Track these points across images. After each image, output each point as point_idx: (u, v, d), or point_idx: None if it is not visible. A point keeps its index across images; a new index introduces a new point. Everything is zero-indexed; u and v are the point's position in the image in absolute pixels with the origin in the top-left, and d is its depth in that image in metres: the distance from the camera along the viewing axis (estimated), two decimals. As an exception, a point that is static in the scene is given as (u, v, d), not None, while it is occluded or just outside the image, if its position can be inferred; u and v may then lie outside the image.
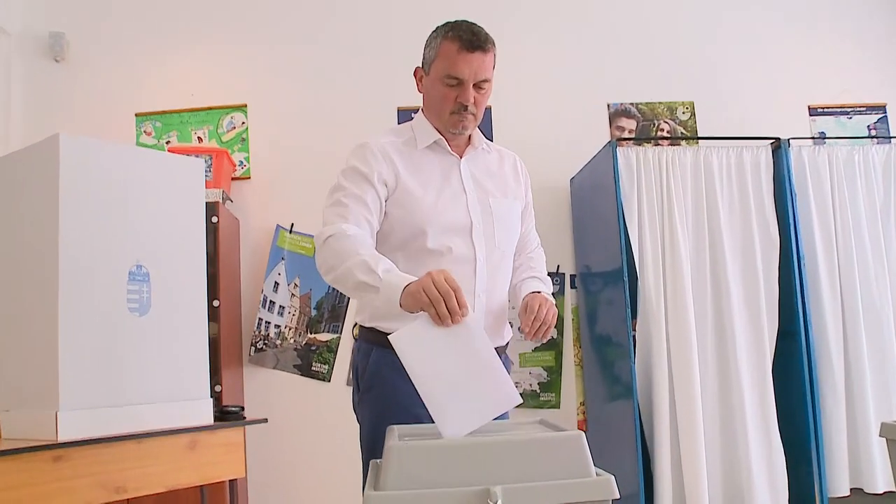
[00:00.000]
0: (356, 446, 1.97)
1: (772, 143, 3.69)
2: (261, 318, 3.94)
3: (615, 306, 3.55)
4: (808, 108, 4.38)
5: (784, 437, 3.43)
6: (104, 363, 2.08)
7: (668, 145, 4.01)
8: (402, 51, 2.02)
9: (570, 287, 4.11)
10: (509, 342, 2.07)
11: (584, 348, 4.03)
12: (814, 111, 4.38)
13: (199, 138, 4.09)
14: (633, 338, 3.47)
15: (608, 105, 4.29)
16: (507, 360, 2.06)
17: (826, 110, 4.38)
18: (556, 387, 4.03)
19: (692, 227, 3.58)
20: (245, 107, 4.13)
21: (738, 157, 3.66)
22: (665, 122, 4.29)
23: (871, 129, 4.36)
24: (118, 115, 4.09)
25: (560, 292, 4.09)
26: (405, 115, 3.81)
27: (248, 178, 4.08)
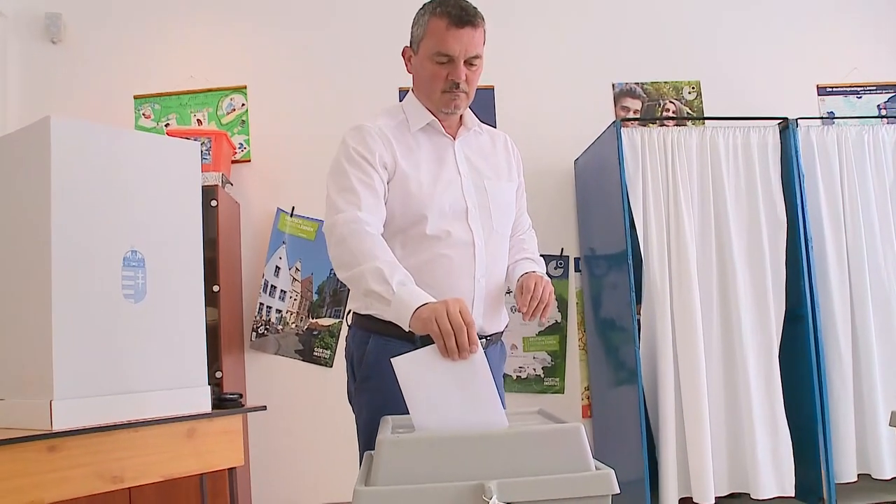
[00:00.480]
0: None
1: (779, 124, 3.63)
2: (262, 303, 3.91)
3: (619, 290, 3.51)
4: (817, 87, 4.31)
5: (791, 422, 3.40)
6: (99, 351, 2.05)
7: (673, 126, 3.96)
8: (403, 31, 1.97)
9: (574, 270, 4.07)
10: (507, 327, 2.02)
11: (588, 332, 4.00)
12: (822, 90, 4.31)
13: (198, 121, 4.04)
14: (638, 322, 3.44)
15: (613, 85, 4.23)
16: (502, 349, 2.03)
17: (835, 89, 4.31)
18: (561, 372, 4.00)
19: (698, 210, 3.53)
20: (245, 89, 4.09)
21: (744, 137, 3.61)
22: (671, 102, 4.23)
23: (881, 108, 4.30)
24: (116, 98, 4.05)
25: (564, 275, 4.05)
26: (406, 97, 3.75)
27: (249, 160, 4.04)
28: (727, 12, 4.33)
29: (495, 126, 3.96)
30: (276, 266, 3.93)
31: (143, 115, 4.04)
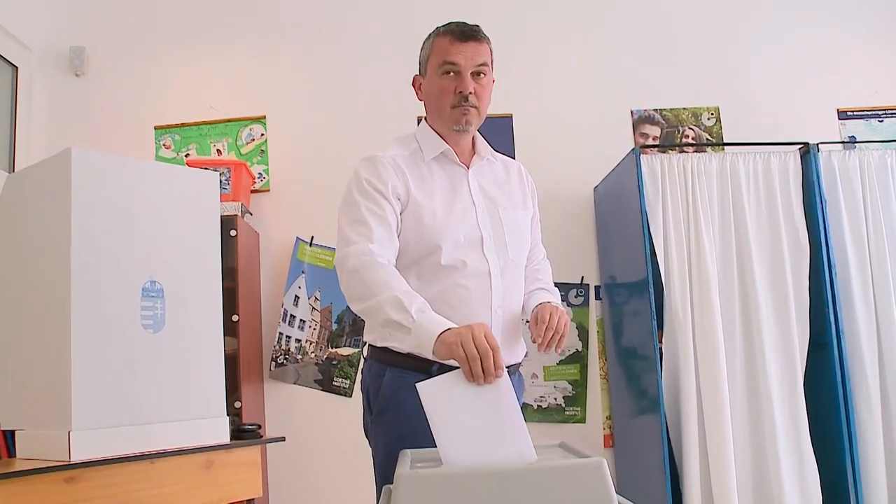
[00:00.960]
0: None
1: (800, 149, 3.60)
2: (281, 333, 3.91)
3: (641, 318, 3.47)
4: (837, 111, 4.27)
5: (817, 453, 3.33)
6: (118, 381, 2.04)
7: (693, 152, 3.93)
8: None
9: (594, 298, 4.04)
10: (526, 356, 2.00)
11: (609, 361, 3.96)
12: (843, 114, 4.27)
13: (218, 151, 4.07)
14: (660, 350, 3.40)
15: (632, 112, 4.22)
16: (520, 380, 2.00)
17: (856, 113, 4.27)
18: (582, 401, 3.95)
19: (719, 236, 3.50)
20: (264, 119, 4.12)
21: (765, 163, 3.58)
22: (690, 128, 4.21)
23: (903, 132, 4.25)
24: (138, 129, 4.09)
25: (584, 304, 4.02)
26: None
27: (268, 190, 4.06)
28: (745, 37, 4.32)
29: (514, 154, 3.97)
30: (296, 295, 3.93)
31: (164, 145, 4.08)
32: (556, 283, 2.16)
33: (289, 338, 3.91)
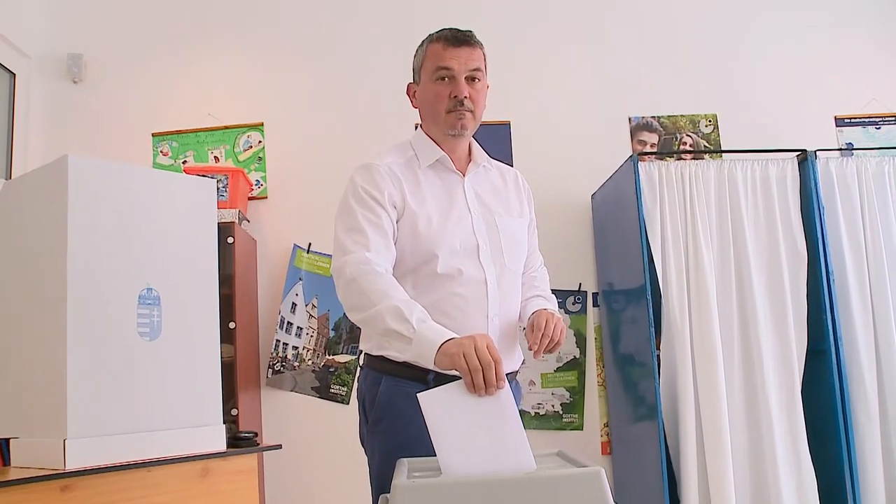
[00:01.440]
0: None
1: (798, 156, 3.61)
2: (278, 340, 3.90)
3: (639, 325, 3.47)
4: (835, 118, 4.28)
5: (815, 460, 3.32)
6: (114, 389, 2.04)
7: (690, 159, 3.94)
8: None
9: (592, 305, 4.03)
10: (523, 363, 1.99)
11: (607, 368, 3.95)
12: (840, 122, 4.28)
13: (215, 158, 4.07)
14: (658, 357, 3.39)
15: (629, 119, 4.23)
16: (517, 388, 2.00)
17: (853, 120, 4.28)
18: (580, 408, 3.94)
19: (717, 243, 3.50)
20: (261, 126, 4.12)
21: (763, 170, 3.58)
22: (687, 135, 4.21)
23: (900, 139, 4.26)
24: (135, 136, 4.09)
25: (582, 311, 4.01)
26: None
27: (265, 197, 4.05)
28: (743, 45, 4.33)
29: (512, 161, 3.97)
30: (293, 303, 3.92)
31: (161, 152, 4.08)
32: (554, 290, 2.16)
33: (286, 345, 3.90)
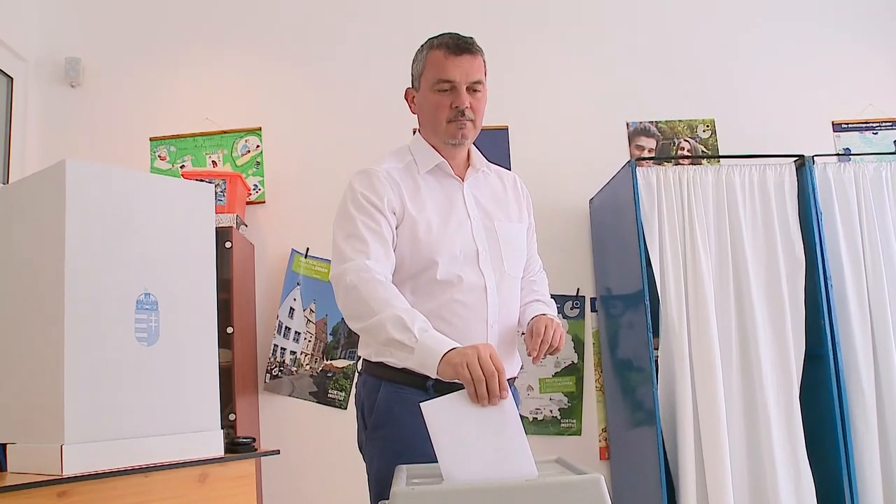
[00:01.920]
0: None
1: (795, 161, 3.61)
2: (276, 345, 3.89)
3: (637, 330, 3.46)
4: (832, 123, 4.29)
5: (813, 465, 3.32)
6: (111, 395, 2.03)
7: (688, 164, 3.94)
8: (417, 73, 1.97)
9: (590, 310, 4.03)
10: (521, 368, 1.99)
11: (605, 373, 3.95)
12: (838, 127, 4.29)
13: (213, 162, 4.07)
14: (656, 362, 3.39)
15: (627, 124, 4.23)
16: (515, 393, 1.99)
17: (851, 126, 4.29)
18: (578, 413, 3.94)
19: (715, 248, 3.50)
20: (259, 130, 4.11)
21: (760, 175, 3.58)
22: (685, 140, 4.22)
23: (898, 144, 4.27)
24: (133, 140, 4.08)
25: (580, 316, 4.01)
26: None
27: (263, 202, 4.05)
28: (741, 50, 4.34)
29: (510, 166, 3.97)
30: (291, 307, 3.92)
31: (159, 156, 4.07)
32: (552, 295, 2.15)
33: (284, 350, 3.89)
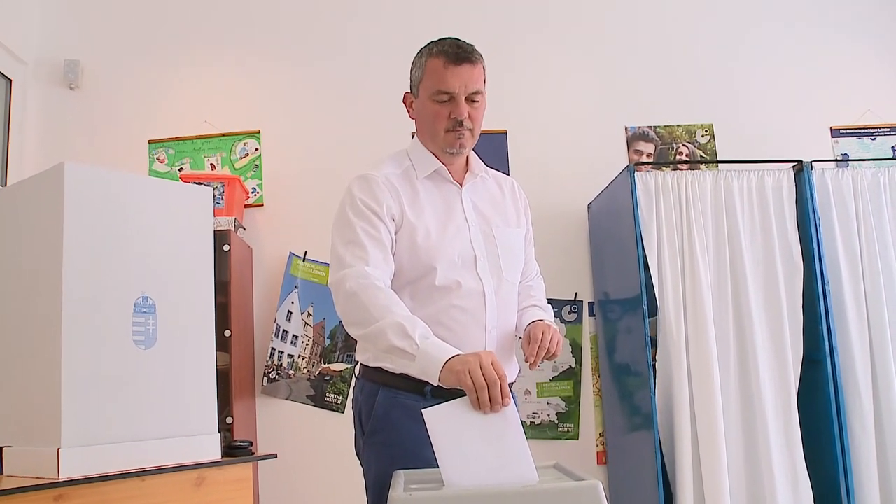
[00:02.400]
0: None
1: (794, 166, 3.61)
2: (273, 348, 3.88)
3: (634, 334, 3.46)
4: (830, 129, 4.29)
5: (810, 469, 3.32)
6: (109, 398, 2.03)
7: (687, 169, 3.94)
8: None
9: (588, 315, 4.03)
10: (519, 373, 1.99)
11: (602, 377, 3.95)
12: (836, 132, 4.29)
13: (211, 165, 4.07)
14: (653, 367, 3.39)
15: (626, 129, 4.23)
16: (513, 398, 1.99)
17: (849, 131, 4.29)
18: (575, 417, 3.94)
19: (713, 253, 3.50)
20: (258, 133, 4.11)
21: (759, 180, 3.59)
22: (684, 145, 4.22)
23: (895, 150, 4.27)
24: (131, 143, 4.08)
25: (578, 320, 4.01)
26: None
27: (261, 205, 4.05)
28: (739, 55, 4.34)
29: (508, 170, 3.97)
30: (288, 311, 3.91)
31: (158, 159, 4.07)
32: (550, 300, 2.15)
33: (281, 353, 3.89)
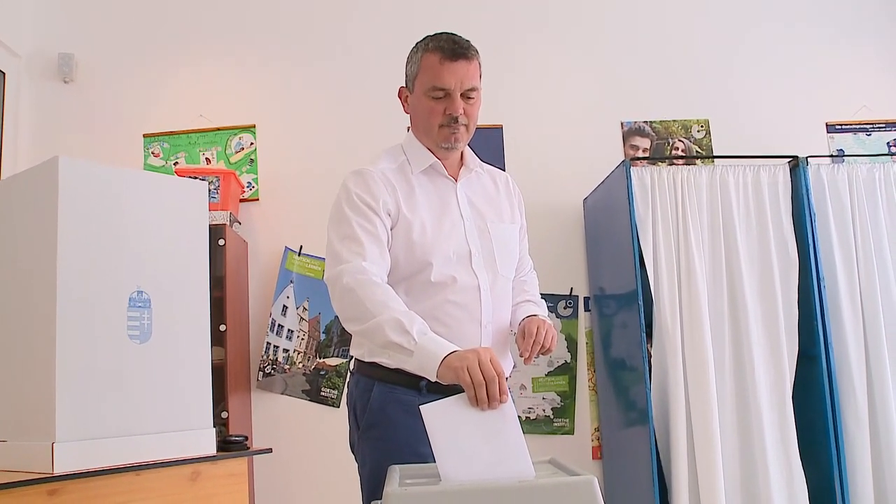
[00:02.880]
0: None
1: (789, 162, 3.62)
2: (269, 343, 3.88)
3: (630, 329, 3.47)
4: (826, 125, 4.30)
5: (805, 464, 3.33)
6: (103, 392, 2.02)
7: (682, 164, 3.94)
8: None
9: (583, 310, 4.03)
10: (514, 368, 1.99)
11: (598, 372, 3.95)
12: (832, 128, 4.30)
13: (207, 159, 4.05)
14: (649, 362, 3.39)
15: (622, 123, 4.23)
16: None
17: (844, 127, 4.29)
18: (570, 412, 3.94)
19: (708, 249, 3.50)
20: (254, 128, 4.10)
21: (754, 176, 3.59)
22: (680, 140, 4.22)
23: (891, 146, 4.27)
24: (126, 137, 4.07)
25: (573, 315, 4.01)
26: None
27: (257, 199, 4.04)
28: (736, 50, 4.34)
29: (504, 165, 3.97)
30: (284, 305, 3.91)
31: (153, 153, 4.06)
32: (546, 295, 2.16)
33: (276, 347, 3.88)
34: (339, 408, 3.85)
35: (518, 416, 1.41)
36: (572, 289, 4.04)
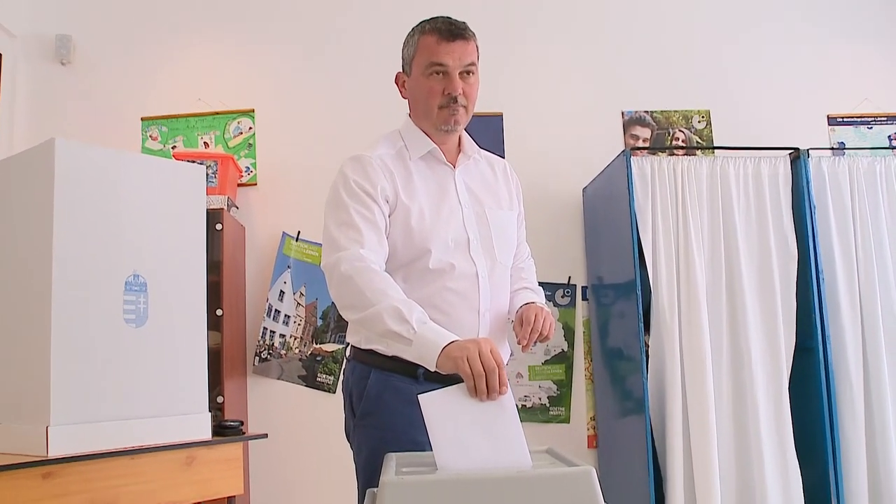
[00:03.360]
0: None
1: (790, 154, 3.60)
2: (265, 328, 3.87)
3: (627, 319, 3.46)
4: (827, 117, 4.28)
5: (800, 456, 3.34)
6: (98, 376, 2.02)
7: (683, 155, 3.93)
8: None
9: (581, 299, 4.03)
10: (511, 356, 1.98)
11: (595, 362, 3.95)
12: (833, 121, 4.28)
13: (205, 143, 4.03)
14: (646, 352, 3.39)
15: (622, 113, 4.21)
16: None
17: (846, 120, 4.28)
18: (566, 401, 3.94)
19: (708, 239, 3.50)
20: (252, 112, 4.08)
21: (755, 167, 3.58)
22: (680, 130, 4.20)
23: (892, 139, 4.26)
24: (124, 120, 4.04)
25: (571, 304, 4.01)
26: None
27: (255, 184, 4.02)
28: (737, 42, 4.32)
29: (503, 153, 3.95)
30: (281, 290, 3.90)
31: (151, 136, 4.03)
32: (543, 283, 2.15)
33: (273, 333, 3.88)
34: (335, 394, 3.85)
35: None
36: (570, 278, 4.04)
